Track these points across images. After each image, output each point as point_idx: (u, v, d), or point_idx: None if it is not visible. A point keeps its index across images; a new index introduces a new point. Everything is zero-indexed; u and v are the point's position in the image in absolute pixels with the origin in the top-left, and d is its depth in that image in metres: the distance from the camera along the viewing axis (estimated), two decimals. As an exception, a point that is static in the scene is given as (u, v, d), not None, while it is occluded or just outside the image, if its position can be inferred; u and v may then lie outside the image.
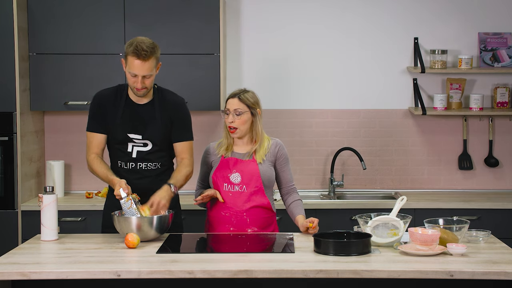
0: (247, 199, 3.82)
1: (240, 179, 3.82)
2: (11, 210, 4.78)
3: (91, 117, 3.88)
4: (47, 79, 4.95)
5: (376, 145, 5.35)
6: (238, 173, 3.82)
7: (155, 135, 3.84)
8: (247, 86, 5.31)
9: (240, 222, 3.82)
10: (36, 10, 4.91)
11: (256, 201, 3.82)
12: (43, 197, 3.61)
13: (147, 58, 3.67)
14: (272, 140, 3.91)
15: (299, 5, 5.30)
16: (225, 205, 3.84)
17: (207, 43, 4.94)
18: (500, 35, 5.23)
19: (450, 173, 5.35)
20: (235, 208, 3.82)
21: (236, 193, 3.83)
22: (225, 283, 3.20)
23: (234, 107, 3.82)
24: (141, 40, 3.71)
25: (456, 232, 3.41)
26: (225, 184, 3.84)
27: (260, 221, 3.84)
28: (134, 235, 3.45)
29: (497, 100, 5.22)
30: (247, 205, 3.82)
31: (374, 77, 5.33)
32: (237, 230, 3.81)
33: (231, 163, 3.85)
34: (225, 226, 3.83)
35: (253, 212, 3.82)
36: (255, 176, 3.81)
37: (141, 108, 3.85)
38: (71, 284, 3.21)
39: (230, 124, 3.82)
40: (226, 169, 3.85)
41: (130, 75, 3.71)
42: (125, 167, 3.86)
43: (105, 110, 3.84)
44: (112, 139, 3.87)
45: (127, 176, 3.81)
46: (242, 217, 3.82)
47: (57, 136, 5.29)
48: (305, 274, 3.06)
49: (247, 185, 3.82)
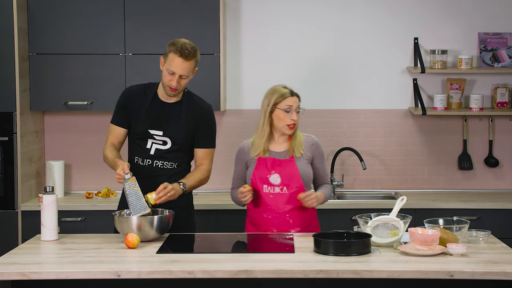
0: (288, 200, 3.79)
1: (280, 180, 3.80)
2: (11, 210, 4.78)
3: (116, 110, 3.93)
4: (47, 79, 4.95)
5: (376, 145, 5.35)
6: (278, 174, 3.80)
7: (176, 133, 3.86)
8: (246, 86, 5.35)
9: (283, 224, 3.80)
10: (36, 10, 4.91)
11: (298, 201, 3.77)
12: (43, 197, 3.61)
13: (189, 59, 3.74)
14: (308, 137, 3.89)
15: (299, 5, 5.30)
16: (267, 207, 3.82)
17: (207, 43, 4.94)
18: (500, 35, 5.23)
19: (450, 173, 5.35)
20: (277, 210, 3.80)
21: (277, 195, 3.80)
22: (225, 283, 3.20)
23: (297, 104, 3.82)
24: (185, 41, 3.79)
25: (456, 232, 3.41)
26: (264, 186, 3.81)
27: (302, 220, 3.82)
28: (134, 235, 3.45)
29: (497, 100, 5.22)
30: (289, 206, 3.79)
31: (374, 77, 5.33)
32: (280, 231, 3.79)
33: (269, 163, 3.82)
34: (268, 228, 3.82)
35: (295, 213, 3.80)
36: (295, 176, 3.79)
37: (168, 106, 3.87)
38: (71, 284, 3.21)
39: (294, 121, 3.79)
40: (265, 170, 3.81)
41: (168, 72, 3.74)
42: (142, 164, 3.87)
43: (132, 105, 3.87)
44: (133, 133, 3.89)
45: (142, 172, 3.83)
46: (285, 218, 3.80)
47: (57, 136, 5.29)
48: (305, 274, 3.06)
49: (288, 186, 3.79)
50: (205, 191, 5.29)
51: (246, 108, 5.34)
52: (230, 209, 4.76)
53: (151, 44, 4.92)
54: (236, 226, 4.71)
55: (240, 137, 5.33)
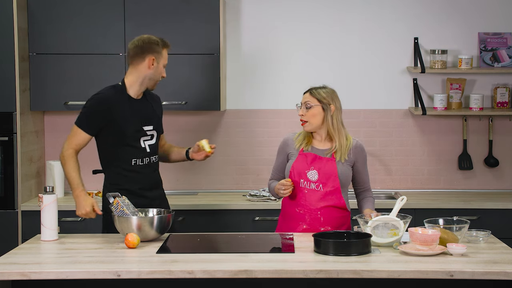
0: (322, 197, 3.79)
1: (317, 177, 3.79)
2: (11, 210, 4.78)
3: (90, 116, 3.85)
4: (47, 79, 4.95)
5: (376, 145, 5.35)
6: (316, 171, 3.80)
7: (158, 125, 4.05)
8: (246, 86, 5.35)
9: (314, 221, 3.80)
10: (36, 10, 4.91)
11: (331, 200, 3.78)
12: (43, 197, 3.61)
13: None
14: (354, 141, 3.89)
15: (299, 5, 5.30)
16: (300, 202, 3.82)
17: (207, 43, 4.94)
18: (500, 35, 5.23)
19: (450, 173, 5.35)
20: (309, 206, 3.80)
21: (311, 191, 3.80)
22: (225, 283, 3.20)
23: (305, 100, 3.85)
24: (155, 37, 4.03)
25: (456, 232, 3.41)
26: (301, 180, 3.81)
27: (334, 220, 3.80)
28: (134, 235, 3.45)
29: (497, 100, 5.22)
30: (321, 204, 3.79)
31: (374, 77, 5.33)
32: (310, 228, 3.79)
33: (309, 158, 3.82)
34: (299, 223, 3.82)
35: (327, 211, 3.80)
36: (333, 175, 3.78)
37: (140, 102, 3.96)
38: (71, 284, 3.21)
39: (300, 117, 3.84)
40: (304, 164, 3.82)
41: (163, 67, 3.94)
42: (141, 163, 3.93)
43: (114, 110, 3.85)
44: (122, 138, 3.87)
45: (143, 172, 3.93)
46: (316, 215, 3.80)
47: (57, 136, 5.29)
48: (305, 274, 3.06)
49: (324, 184, 3.79)
50: (205, 191, 5.30)
51: (246, 108, 5.34)
52: (230, 209, 4.77)
53: (151, 44, 4.92)
54: (236, 226, 4.72)
55: (240, 137, 5.34)
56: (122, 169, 3.89)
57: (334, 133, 3.83)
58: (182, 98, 4.97)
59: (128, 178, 3.89)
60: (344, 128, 3.88)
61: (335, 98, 3.88)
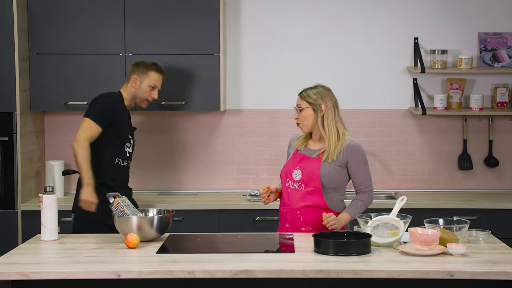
0: (302, 197, 3.79)
1: (300, 176, 3.80)
2: (11, 210, 4.78)
3: (102, 110, 4.19)
4: (47, 79, 4.95)
5: (376, 145, 5.35)
6: (300, 170, 3.80)
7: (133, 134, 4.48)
8: (246, 86, 5.34)
9: (294, 220, 3.81)
10: (36, 10, 4.91)
11: (311, 200, 3.78)
12: (43, 197, 3.61)
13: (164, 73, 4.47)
14: (347, 141, 3.82)
15: (299, 5, 5.30)
16: (283, 201, 3.87)
17: (207, 43, 4.94)
18: (500, 35, 5.23)
19: (450, 173, 5.35)
20: (290, 205, 3.82)
21: (294, 190, 3.82)
22: (225, 283, 3.20)
23: (297, 103, 3.88)
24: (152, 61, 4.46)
25: (456, 232, 3.41)
26: (287, 180, 3.84)
27: (314, 220, 3.79)
28: (134, 235, 3.45)
29: (497, 100, 5.22)
30: (302, 203, 3.79)
31: (374, 77, 5.33)
32: (292, 227, 3.81)
33: (297, 159, 3.85)
34: (283, 222, 3.86)
35: (307, 211, 3.79)
36: (314, 175, 3.77)
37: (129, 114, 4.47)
38: (71, 284, 3.21)
39: (295, 120, 3.87)
40: (291, 164, 3.85)
41: (149, 88, 4.36)
42: (122, 164, 4.32)
43: (120, 112, 4.29)
44: (115, 138, 4.25)
45: (122, 171, 4.34)
46: (296, 215, 3.80)
47: (57, 136, 5.29)
48: (305, 274, 3.06)
49: (306, 184, 3.78)
50: (205, 191, 5.30)
51: (246, 108, 5.34)
52: (230, 209, 4.77)
53: (151, 44, 4.92)
54: (237, 226, 4.72)
55: (240, 137, 5.34)
56: (109, 165, 4.25)
57: (323, 133, 3.81)
58: (182, 98, 4.97)
59: (110, 175, 4.23)
60: (342, 127, 3.85)
61: (326, 97, 3.85)
